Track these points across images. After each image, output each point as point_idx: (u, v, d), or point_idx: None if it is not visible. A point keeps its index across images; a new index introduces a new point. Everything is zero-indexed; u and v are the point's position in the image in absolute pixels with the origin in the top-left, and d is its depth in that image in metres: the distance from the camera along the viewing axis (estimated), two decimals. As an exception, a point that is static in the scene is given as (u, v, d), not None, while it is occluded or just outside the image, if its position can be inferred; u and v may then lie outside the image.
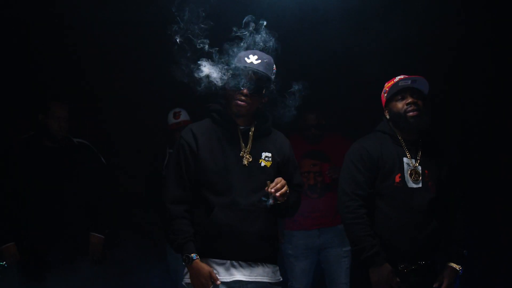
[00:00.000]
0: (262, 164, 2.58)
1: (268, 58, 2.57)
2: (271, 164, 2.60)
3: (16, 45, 4.21)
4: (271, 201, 2.48)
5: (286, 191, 2.48)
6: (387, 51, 3.97)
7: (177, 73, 2.47)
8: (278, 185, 2.46)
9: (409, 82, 2.82)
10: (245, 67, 2.52)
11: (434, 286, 2.77)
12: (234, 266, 2.52)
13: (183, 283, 2.59)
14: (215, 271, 2.49)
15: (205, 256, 2.51)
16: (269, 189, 2.45)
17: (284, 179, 2.58)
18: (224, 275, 2.50)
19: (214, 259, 2.51)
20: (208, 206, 2.51)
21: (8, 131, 4.10)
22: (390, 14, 3.81)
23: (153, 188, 4.15)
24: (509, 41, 4.02)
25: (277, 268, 2.65)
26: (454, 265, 2.79)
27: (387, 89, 2.89)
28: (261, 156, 2.60)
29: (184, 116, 4.31)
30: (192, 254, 2.47)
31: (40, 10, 4.00)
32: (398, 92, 2.84)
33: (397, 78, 2.86)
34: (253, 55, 2.54)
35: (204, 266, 2.46)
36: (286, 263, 4.08)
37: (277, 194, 2.44)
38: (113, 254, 4.13)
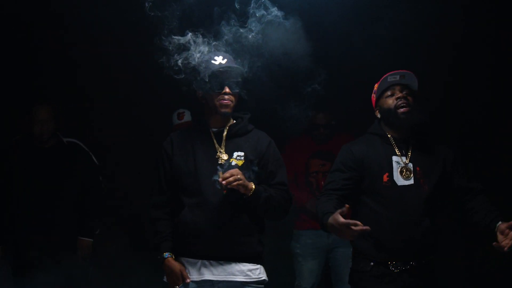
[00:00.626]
0: (233, 163, 2.64)
1: (228, 54, 2.66)
2: (243, 163, 2.65)
3: (13, 46, 4.21)
4: (219, 187, 2.52)
5: (234, 180, 2.48)
6: (387, 51, 3.97)
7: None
8: (227, 174, 2.49)
9: (398, 77, 2.80)
10: (218, 69, 2.60)
11: (495, 244, 2.60)
12: (205, 266, 2.60)
13: (164, 279, 2.69)
14: (186, 270, 2.59)
15: (180, 255, 2.63)
16: (218, 178, 2.50)
17: (264, 178, 2.67)
18: (195, 274, 2.60)
19: (187, 258, 2.62)
20: (182, 207, 2.62)
21: (6, 132, 4.12)
22: (391, 14, 3.81)
23: None
24: (510, 41, 4.02)
25: (257, 267, 2.66)
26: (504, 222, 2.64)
27: (376, 88, 2.88)
28: (232, 155, 2.66)
29: (187, 117, 4.32)
30: (164, 253, 2.60)
31: (39, 10, 4.00)
32: (387, 89, 2.82)
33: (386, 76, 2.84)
34: (217, 57, 2.63)
35: (176, 264, 2.59)
36: (294, 263, 4.09)
37: (224, 182, 2.47)
38: (103, 250, 4.13)
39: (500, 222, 2.65)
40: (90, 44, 4.19)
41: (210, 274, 2.58)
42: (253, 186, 2.57)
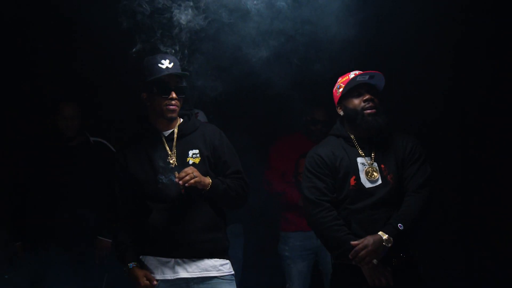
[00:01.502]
0: (191, 162, 2.66)
1: (174, 57, 2.69)
2: (200, 160, 2.68)
3: (20, 46, 4.22)
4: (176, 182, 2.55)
5: (190, 178, 2.52)
6: (386, 51, 3.98)
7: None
8: (182, 174, 2.53)
9: (367, 77, 2.75)
10: (166, 74, 2.62)
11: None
12: (178, 264, 2.64)
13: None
14: (160, 269, 2.63)
15: (152, 254, 2.65)
16: (175, 179, 2.54)
17: (220, 169, 2.70)
18: (169, 273, 2.63)
19: (160, 258, 2.64)
20: (148, 212, 2.65)
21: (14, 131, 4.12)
22: (391, 13, 3.82)
23: None
24: (509, 41, 4.03)
25: (227, 262, 2.71)
26: (381, 233, 2.62)
27: (342, 84, 2.81)
28: (188, 154, 2.68)
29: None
30: (129, 264, 2.63)
31: (40, 10, 4.01)
32: (354, 88, 2.77)
33: (353, 73, 2.80)
34: (164, 60, 2.65)
35: (140, 272, 2.61)
36: (283, 266, 4.06)
37: (180, 182, 2.51)
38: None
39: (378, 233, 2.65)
40: (92, 44, 4.18)
41: (185, 271, 2.62)
42: (210, 181, 2.61)
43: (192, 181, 2.52)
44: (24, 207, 3.60)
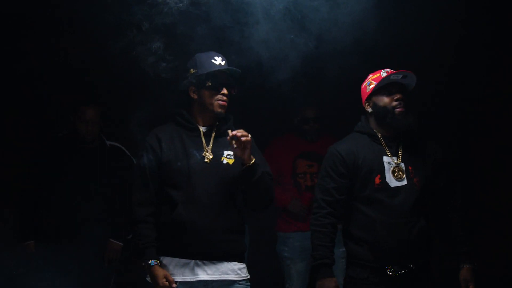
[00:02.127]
0: (225, 162, 2.68)
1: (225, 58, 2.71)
2: (234, 161, 2.68)
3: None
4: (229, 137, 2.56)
5: (247, 135, 2.54)
6: (386, 50, 3.97)
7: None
8: (241, 130, 2.55)
9: (400, 77, 2.73)
10: (219, 69, 2.65)
11: None
12: (198, 266, 2.60)
13: (147, 279, 2.66)
14: (180, 271, 2.58)
15: (171, 255, 2.61)
16: (231, 133, 2.53)
17: None
18: (188, 275, 2.59)
19: (179, 259, 2.60)
20: (173, 204, 2.60)
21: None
22: (391, 13, 3.82)
23: None
24: (509, 41, 4.03)
25: (244, 265, 2.70)
26: (469, 265, 2.71)
27: (373, 81, 2.78)
28: (223, 154, 2.69)
29: None
30: (150, 261, 2.56)
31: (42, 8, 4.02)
32: (385, 86, 2.74)
33: (384, 71, 2.78)
34: (217, 57, 2.68)
35: (161, 271, 2.55)
36: (283, 266, 4.06)
37: (238, 134, 2.51)
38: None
39: (464, 266, 2.73)
40: (92, 44, 4.19)
41: (205, 274, 2.60)
42: (254, 159, 2.60)
43: (246, 138, 2.52)
44: (36, 206, 3.62)
